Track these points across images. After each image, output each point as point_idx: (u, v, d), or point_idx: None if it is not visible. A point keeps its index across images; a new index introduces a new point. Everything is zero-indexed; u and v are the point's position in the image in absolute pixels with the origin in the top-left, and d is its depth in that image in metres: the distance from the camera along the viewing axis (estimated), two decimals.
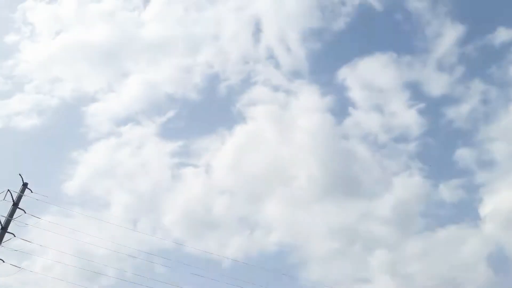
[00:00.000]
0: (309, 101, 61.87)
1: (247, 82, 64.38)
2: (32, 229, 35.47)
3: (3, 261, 29.95)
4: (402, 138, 60.13)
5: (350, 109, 62.15)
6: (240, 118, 63.26)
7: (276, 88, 63.20)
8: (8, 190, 32.51)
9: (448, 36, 60.41)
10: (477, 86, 59.75)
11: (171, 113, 61.39)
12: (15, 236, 31.65)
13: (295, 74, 65.77)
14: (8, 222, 30.93)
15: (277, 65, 64.34)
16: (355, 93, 62.23)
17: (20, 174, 33.68)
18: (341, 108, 64.80)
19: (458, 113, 58.99)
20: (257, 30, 65.59)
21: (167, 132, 62.99)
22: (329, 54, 70.91)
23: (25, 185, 34.55)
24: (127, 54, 66.40)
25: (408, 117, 60.00)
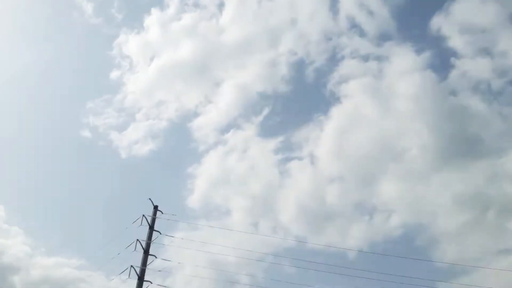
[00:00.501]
0: (404, 63, 57.68)
1: (333, 60, 62.13)
2: (168, 248, 37.87)
3: (151, 283, 32.47)
4: None
5: (453, 60, 56.57)
6: (334, 99, 61.03)
7: (365, 58, 59.97)
8: (143, 215, 35.03)
9: None
10: None
11: (266, 111, 61.70)
12: (156, 257, 34.02)
13: (383, 37, 61.77)
14: (148, 245, 33.33)
15: (361, 33, 61.19)
16: (455, 41, 56.64)
17: (150, 199, 36.11)
18: (442, 61, 60.01)
19: None
20: (334, 2, 62.96)
21: (266, 130, 63.52)
22: (415, 6, 65.66)
23: (155, 208, 36.99)
24: (215, 63, 68.37)
25: None
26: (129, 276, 32.34)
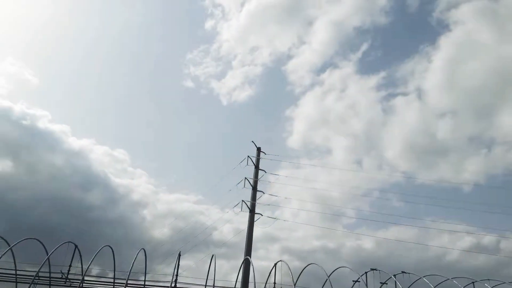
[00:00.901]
0: None
1: None
2: (274, 185, 40.79)
3: (262, 215, 35.97)
4: None
5: None
6: (442, 28, 55.94)
7: None
8: (248, 156, 38.18)
9: None
10: None
11: (364, 46, 59.32)
12: (264, 193, 37.23)
13: None
14: (255, 182, 36.63)
15: None
16: None
17: (253, 141, 39.12)
18: None
19: None
20: None
21: (366, 67, 61.41)
22: None
23: (258, 149, 39.95)
24: (307, 1, 66.36)
25: None
26: (241, 209, 36.35)
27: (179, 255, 27.42)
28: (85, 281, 21.57)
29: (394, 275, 28.40)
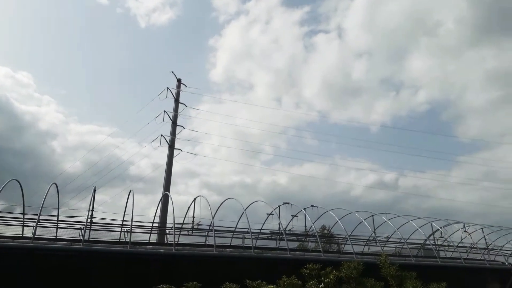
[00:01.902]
0: None
1: None
2: (194, 120, 40.20)
3: (181, 150, 35.75)
4: None
5: None
6: None
7: None
8: (168, 88, 36.80)
9: None
10: None
11: None
12: (184, 128, 36.73)
13: None
14: (175, 116, 35.85)
15: None
16: None
17: (172, 72, 37.54)
18: None
19: None
20: None
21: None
22: None
23: (179, 81, 38.60)
24: None
25: None
26: (160, 144, 35.75)
27: (94, 190, 26.56)
28: None
29: (304, 209, 30.73)
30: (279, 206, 32.16)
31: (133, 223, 21.79)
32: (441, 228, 33.24)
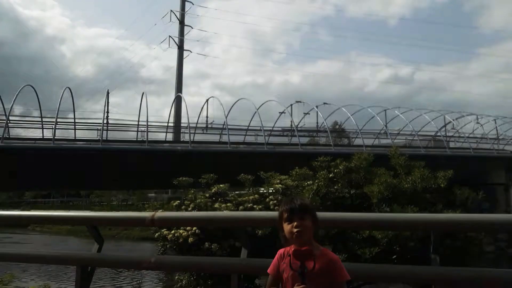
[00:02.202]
0: None
1: None
2: (203, 19, 38.62)
3: (191, 52, 34.91)
4: None
5: None
6: None
7: None
8: None
9: None
10: None
11: None
12: (192, 28, 35.42)
13: None
14: (183, 16, 34.33)
15: None
16: None
17: None
18: None
19: None
20: None
21: None
22: None
23: None
24: None
25: None
26: (169, 45, 34.85)
27: (108, 92, 26.81)
28: (10, 121, 20.77)
29: (317, 106, 30.80)
30: (291, 104, 32.23)
31: (149, 123, 22.33)
32: (453, 120, 33.32)
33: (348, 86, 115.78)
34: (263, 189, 6.31)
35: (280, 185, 5.94)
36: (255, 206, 5.60)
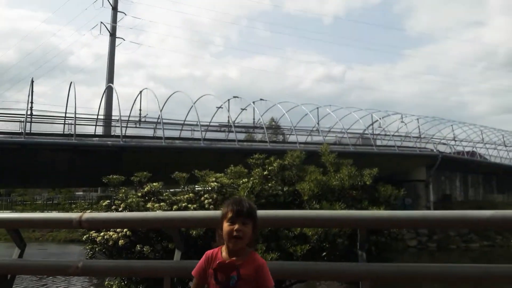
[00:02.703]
0: None
1: None
2: (138, 5, 37.23)
3: (124, 39, 33.54)
4: None
5: None
6: None
7: None
8: None
9: None
10: None
11: None
12: (126, 14, 34.03)
13: None
14: (116, 1, 32.86)
15: None
16: None
17: None
18: None
19: None
20: None
21: None
22: None
23: None
24: None
25: None
26: (100, 32, 33.20)
27: (32, 81, 24.88)
28: None
29: (253, 102, 31.10)
30: (228, 100, 32.21)
31: (77, 115, 21.13)
32: (380, 118, 35.36)
33: (284, 82, 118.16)
34: (198, 187, 6.25)
35: (215, 183, 5.91)
36: (189, 205, 5.51)
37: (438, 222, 4.16)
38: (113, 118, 27.65)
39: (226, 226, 1.88)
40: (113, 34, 32.41)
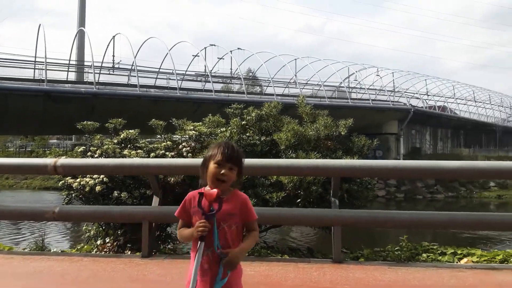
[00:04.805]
0: None
1: None
2: None
3: None
4: None
5: None
6: None
7: None
8: None
9: None
10: None
11: None
12: None
13: None
14: None
15: None
16: None
17: None
18: None
19: None
20: None
21: None
22: None
23: None
24: None
25: None
26: None
27: None
28: None
29: (231, 51, 30.46)
30: (205, 48, 31.45)
31: (48, 60, 20.26)
32: (356, 72, 35.43)
33: (262, 32, 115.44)
34: (176, 136, 6.23)
35: (193, 131, 5.90)
36: (167, 153, 5.52)
37: (408, 171, 4.35)
38: (85, 64, 26.69)
39: (212, 167, 1.90)
40: None
